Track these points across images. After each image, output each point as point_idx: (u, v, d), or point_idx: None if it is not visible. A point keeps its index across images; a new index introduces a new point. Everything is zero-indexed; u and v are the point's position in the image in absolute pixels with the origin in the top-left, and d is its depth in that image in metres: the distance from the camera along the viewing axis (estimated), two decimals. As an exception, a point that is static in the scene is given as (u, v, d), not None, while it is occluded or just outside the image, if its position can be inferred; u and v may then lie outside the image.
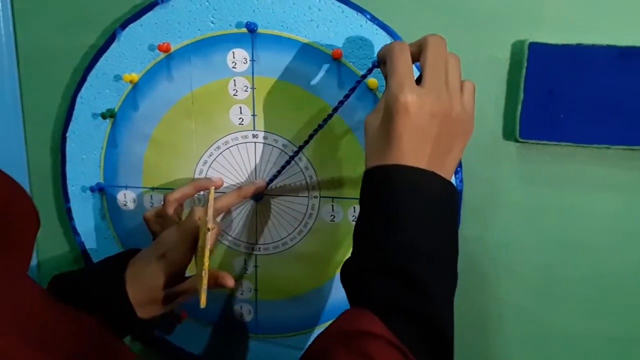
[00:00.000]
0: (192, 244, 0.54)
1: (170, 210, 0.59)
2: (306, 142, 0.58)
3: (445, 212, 0.46)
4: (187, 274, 0.56)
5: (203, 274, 0.48)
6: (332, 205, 0.61)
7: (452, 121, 0.45)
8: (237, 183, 0.63)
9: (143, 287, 0.53)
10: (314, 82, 0.58)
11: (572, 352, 0.61)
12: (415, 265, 0.43)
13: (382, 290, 0.43)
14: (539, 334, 0.61)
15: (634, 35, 0.52)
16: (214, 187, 0.58)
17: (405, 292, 0.42)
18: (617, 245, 0.57)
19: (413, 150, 0.44)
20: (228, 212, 0.64)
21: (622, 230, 0.57)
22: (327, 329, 0.43)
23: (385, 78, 0.48)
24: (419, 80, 0.45)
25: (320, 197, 0.62)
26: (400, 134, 0.44)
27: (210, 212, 0.51)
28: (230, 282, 0.55)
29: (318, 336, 0.43)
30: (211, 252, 0.50)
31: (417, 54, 0.47)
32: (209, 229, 0.49)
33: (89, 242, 0.69)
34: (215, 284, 0.54)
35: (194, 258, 0.55)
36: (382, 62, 0.49)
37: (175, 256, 0.53)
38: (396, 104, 0.44)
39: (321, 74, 0.58)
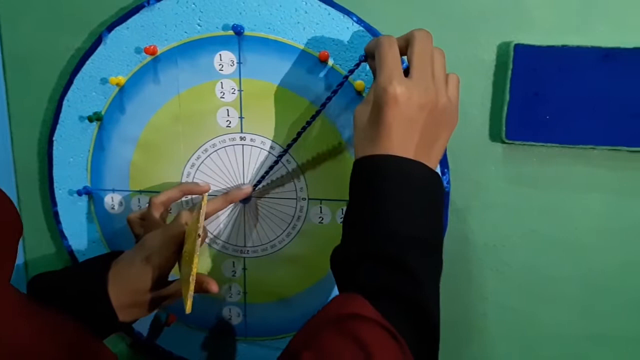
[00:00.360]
0: (177, 248, 0.53)
1: (156, 213, 0.59)
2: (294, 140, 0.58)
3: (431, 201, 0.47)
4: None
5: (190, 280, 0.48)
6: (321, 207, 0.61)
7: (438, 112, 0.47)
8: (225, 186, 0.63)
9: (126, 290, 0.52)
10: (301, 84, 0.58)
11: (558, 351, 0.62)
12: (405, 251, 0.44)
13: (372, 276, 0.44)
14: (525, 334, 0.62)
15: (618, 36, 0.53)
16: (206, 194, 0.58)
17: (395, 277, 0.44)
18: (602, 244, 0.58)
19: (402, 141, 0.46)
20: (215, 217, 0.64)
21: (607, 230, 0.57)
22: (317, 314, 0.44)
23: (373, 71, 0.50)
24: (405, 73, 0.47)
25: (309, 199, 0.61)
26: (390, 125, 0.45)
27: (202, 218, 0.50)
28: (214, 288, 0.54)
29: (308, 321, 0.44)
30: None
31: (404, 48, 0.48)
32: (199, 235, 0.49)
33: (77, 245, 0.68)
34: (200, 289, 0.54)
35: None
36: (369, 55, 0.51)
37: (160, 260, 0.53)
38: (385, 95, 0.45)
39: (309, 76, 0.58)
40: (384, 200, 0.45)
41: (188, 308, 0.48)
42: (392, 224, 0.45)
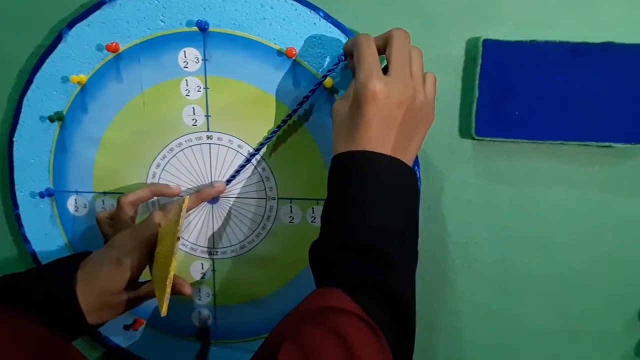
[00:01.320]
0: (149, 249, 0.52)
1: (125, 213, 0.58)
2: (268, 139, 0.58)
3: (408, 196, 0.48)
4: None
5: (167, 282, 0.47)
6: (291, 206, 0.60)
7: (416, 109, 0.48)
8: (193, 186, 0.62)
9: (95, 291, 0.51)
10: (268, 81, 0.57)
11: (531, 347, 0.62)
12: (385, 243, 0.45)
13: (351, 269, 0.45)
14: (499, 330, 0.61)
15: (586, 31, 0.53)
16: (187, 197, 0.56)
17: (374, 270, 0.44)
18: (573, 240, 0.58)
19: (381, 137, 0.46)
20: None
21: (578, 225, 0.57)
22: (296, 307, 0.44)
23: (352, 70, 0.50)
24: (384, 72, 0.47)
25: (278, 198, 0.60)
26: (369, 121, 0.46)
27: (182, 220, 0.50)
28: (188, 290, 0.55)
29: (287, 315, 0.44)
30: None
31: (382, 47, 0.49)
32: (178, 238, 0.48)
33: (40, 249, 0.66)
34: (172, 291, 0.52)
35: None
36: (348, 54, 0.52)
37: (131, 261, 0.51)
38: (365, 92, 0.46)
39: (275, 72, 0.57)
40: (363, 195, 0.46)
41: (164, 311, 0.47)
42: (371, 218, 0.46)
